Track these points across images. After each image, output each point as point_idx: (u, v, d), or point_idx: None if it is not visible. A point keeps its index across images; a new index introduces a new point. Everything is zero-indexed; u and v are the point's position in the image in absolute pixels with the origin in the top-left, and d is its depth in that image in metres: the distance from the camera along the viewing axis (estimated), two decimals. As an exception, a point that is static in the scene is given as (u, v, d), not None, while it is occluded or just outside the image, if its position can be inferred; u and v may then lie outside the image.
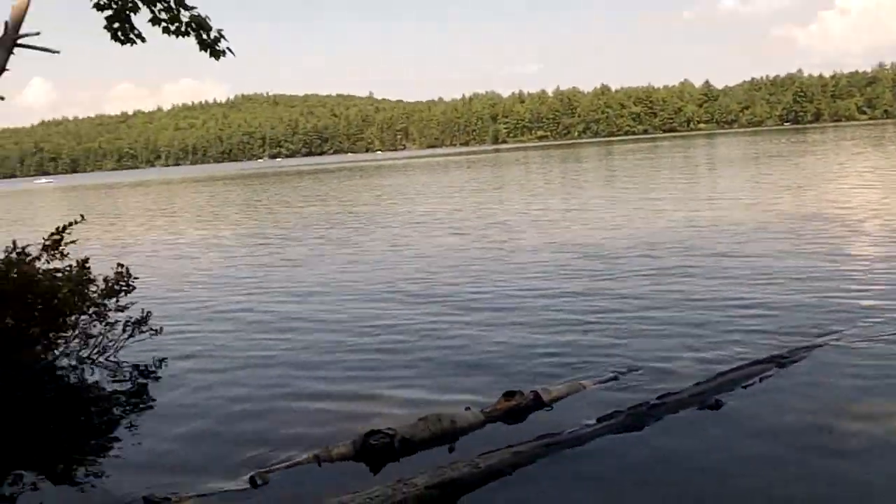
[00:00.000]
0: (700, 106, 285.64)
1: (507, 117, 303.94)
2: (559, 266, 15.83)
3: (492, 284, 14.30)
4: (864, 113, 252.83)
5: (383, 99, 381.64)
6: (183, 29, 10.55)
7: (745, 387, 7.80)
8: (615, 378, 8.38)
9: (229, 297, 14.90)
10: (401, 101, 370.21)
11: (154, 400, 8.95)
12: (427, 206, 35.07)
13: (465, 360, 9.54)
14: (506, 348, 9.93)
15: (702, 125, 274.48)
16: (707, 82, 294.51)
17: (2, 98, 9.61)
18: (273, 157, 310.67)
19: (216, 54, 10.67)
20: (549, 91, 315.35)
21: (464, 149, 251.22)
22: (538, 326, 10.93)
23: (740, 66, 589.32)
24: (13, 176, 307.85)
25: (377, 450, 6.56)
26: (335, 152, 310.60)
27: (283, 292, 15.08)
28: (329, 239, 24.09)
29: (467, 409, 7.36)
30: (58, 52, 10.02)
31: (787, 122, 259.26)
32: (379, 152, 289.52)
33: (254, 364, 9.98)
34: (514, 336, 10.48)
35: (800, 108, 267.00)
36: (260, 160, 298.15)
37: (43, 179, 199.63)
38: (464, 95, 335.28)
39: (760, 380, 7.97)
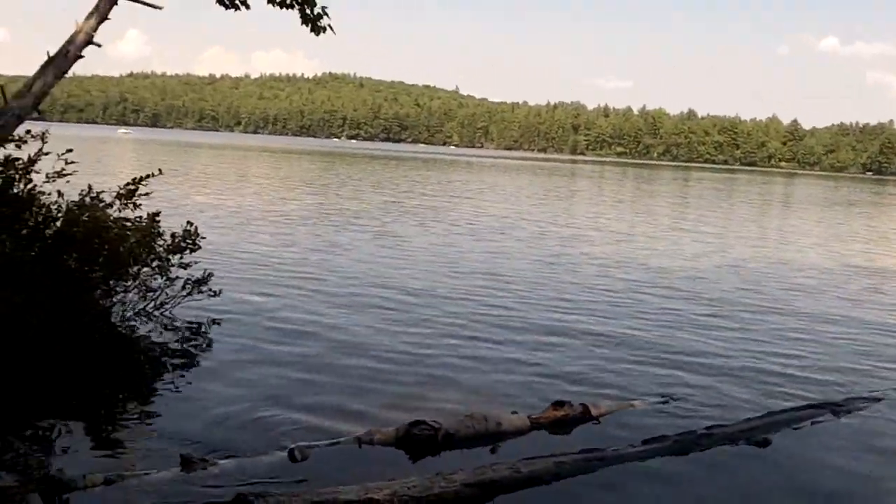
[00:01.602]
0: (784, 143, 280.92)
1: (588, 129, 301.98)
2: (617, 288, 15.60)
3: (547, 297, 14.09)
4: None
5: (468, 95, 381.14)
6: (288, 1, 10.61)
7: (795, 428, 7.67)
8: (666, 402, 8.28)
9: (288, 272, 14.95)
10: (485, 98, 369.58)
11: (203, 361, 9.00)
12: (492, 209, 35.04)
13: (515, 367, 9.46)
14: (557, 360, 9.84)
15: (783, 163, 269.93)
16: (795, 121, 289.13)
17: (99, 45, 9.71)
18: (351, 137, 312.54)
19: (317, 30, 10.71)
20: (635, 109, 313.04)
21: (541, 155, 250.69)
22: (592, 343, 10.81)
23: (830, 109, 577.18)
24: (94, 122, 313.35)
25: (420, 440, 6.53)
26: (413, 141, 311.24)
27: (342, 275, 15.05)
28: (392, 228, 24.12)
29: (514, 413, 7.29)
30: (161, 7, 10.12)
31: (869, 171, 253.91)
32: (453, 147, 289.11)
33: (306, 341, 9.98)
34: (566, 349, 10.37)
35: (885, 158, 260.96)
36: (337, 139, 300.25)
37: (122, 129, 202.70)
38: (548, 102, 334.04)
39: (812, 423, 7.83)
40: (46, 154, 9.41)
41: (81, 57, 9.51)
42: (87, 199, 9.76)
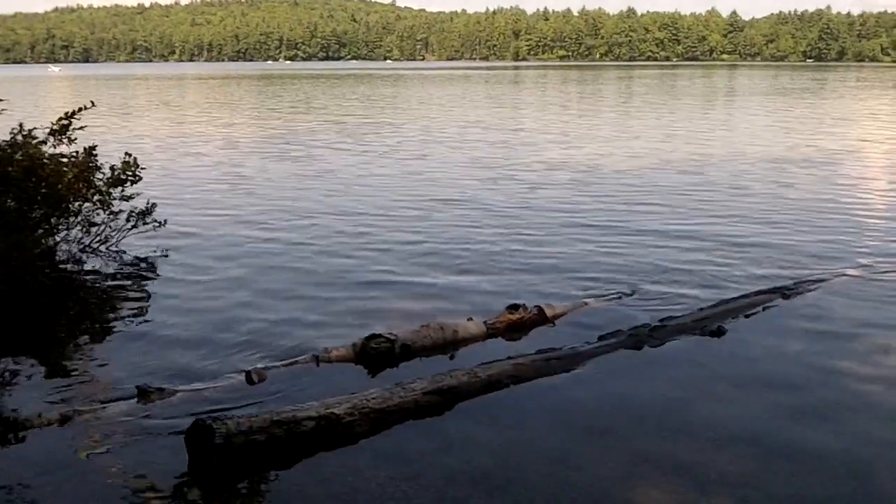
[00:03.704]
0: (724, 36, 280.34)
1: (529, 34, 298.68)
2: (567, 186, 15.73)
3: (493, 204, 14.04)
4: (889, 55, 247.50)
5: (405, 7, 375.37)
6: None
7: (748, 315, 7.77)
8: (619, 298, 8.35)
9: (234, 198, 14.85)
10: (423, 9, 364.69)
11: (153, 292, 8.89)
12: (433, 119, 34.79)
13: (469, 272, 9.48)
14: (511, 263, 9.88)
15: (724, 56, 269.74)
16: (734, 12, 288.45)
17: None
18: (288, 58, 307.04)
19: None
20: (575, 10, 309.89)
21: (483, 63, 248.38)
22: (544, 244, 10.87)
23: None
24: (22, 62, 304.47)
25: (377, 354, 6.53)
26: (353, 58, 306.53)
27: (289, 198, 14.94)
28: (333, 147, 23.94)
29: (470, 319, 7.31)
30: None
31: (810, 58, 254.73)
32: (389, 61, 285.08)
33: (256, 265, 9.92)
34: (518, 251, 10.43)
35: (824, 45, 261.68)
36: (274, 61, 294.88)
37: (53, 67, 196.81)
38: (487, 9, 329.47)
39: (764, 309, 7.93)
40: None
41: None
42: (20, 138, 9.48)
